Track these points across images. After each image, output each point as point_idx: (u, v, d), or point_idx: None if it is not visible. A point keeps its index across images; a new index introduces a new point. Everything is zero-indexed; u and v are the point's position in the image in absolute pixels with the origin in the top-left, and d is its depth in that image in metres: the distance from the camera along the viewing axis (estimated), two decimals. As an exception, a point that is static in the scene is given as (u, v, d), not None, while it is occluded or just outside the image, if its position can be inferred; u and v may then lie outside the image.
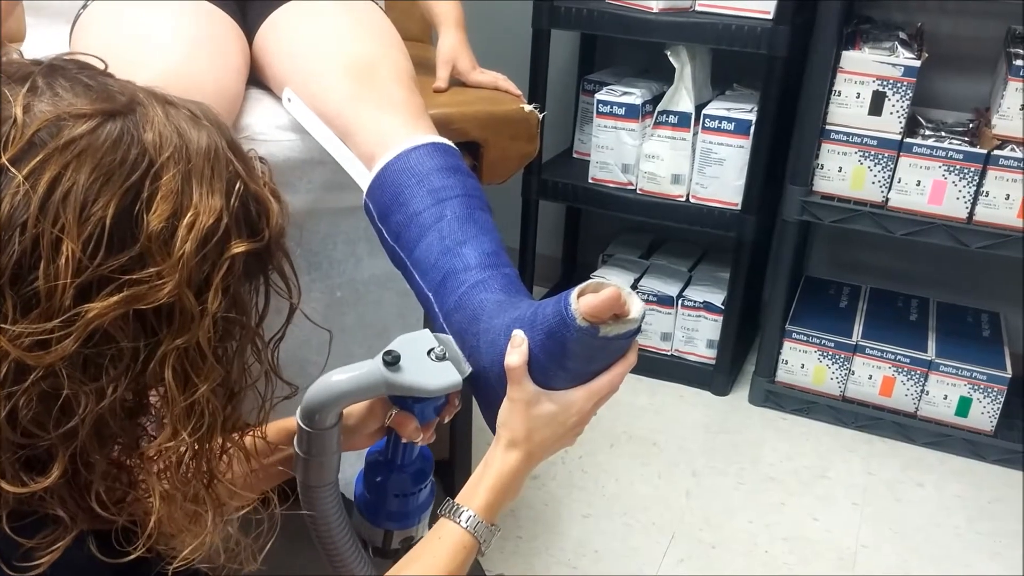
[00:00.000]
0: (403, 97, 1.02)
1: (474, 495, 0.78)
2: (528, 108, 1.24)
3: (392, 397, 0.85)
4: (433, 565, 0.74)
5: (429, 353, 0.82)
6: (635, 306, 0.75)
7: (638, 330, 0.77)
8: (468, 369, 0.83)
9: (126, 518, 0.59)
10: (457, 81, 1.30)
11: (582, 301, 0.74)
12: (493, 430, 0.85)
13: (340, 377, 0.79)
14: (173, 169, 0.56)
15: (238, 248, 0.58)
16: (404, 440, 0.87)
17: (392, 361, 0.79)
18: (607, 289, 0.73)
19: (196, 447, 0.59)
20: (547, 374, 0.78)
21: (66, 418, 0.54)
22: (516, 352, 0.78)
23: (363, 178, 0.99)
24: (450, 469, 1.38)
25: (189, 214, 0.56)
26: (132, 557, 0.58)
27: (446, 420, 0.89)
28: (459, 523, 0.77)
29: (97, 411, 0.55)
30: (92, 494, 0.57)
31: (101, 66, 0.61)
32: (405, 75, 1.06)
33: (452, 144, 0.98)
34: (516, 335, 0.79)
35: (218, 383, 0.59)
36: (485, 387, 0.84)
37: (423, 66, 1.26)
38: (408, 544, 0.91)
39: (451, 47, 1.29)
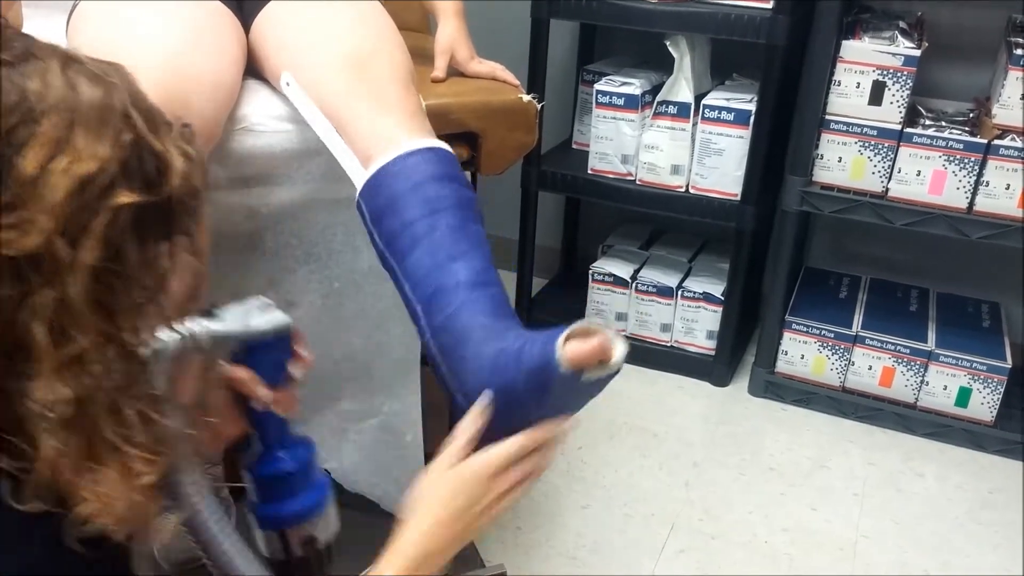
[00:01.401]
0: (398, 95, 1.02)
1: (386, 560, 0.77)
2: (526, 98, 1.24)
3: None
4: None
5: (253, 306, 0.81)
6: (618, 351, 0.77)
7: (618, 371, 0.79)
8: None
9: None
10: (455, 71, 1.29)
11: (568, 348, 0.75)
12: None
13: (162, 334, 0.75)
14: (56, 117, 0.54)
15: (124, 199, 0.56)
16: (257, 405, 0.84)
17: (210, 311, 0.77)
18: (594, 339, 0.75)
19: (84, 402, 0.57)
20: (525, 408, 0.80)
21: None
22: (471, 424, 0.80)
23: (357, 176, 0.98)
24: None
25: (66, 160, 0.54)
26: (33, 508, 0.56)
27: (298, 375, 0.86)
28: None
29: None
30: None
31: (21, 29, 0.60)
32: (401, 71, 1.05)
33: (448, 148, 0.98)
34: (479, 404, 0.81)
35: (105, 339, 0.57)
36: (466, 412, 0.86)
37: (421, 56, 1.26)
38: (311, 547, 0.87)
39: (449, 36, 1.29)
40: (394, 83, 1.02)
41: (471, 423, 0.81)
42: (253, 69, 1.15)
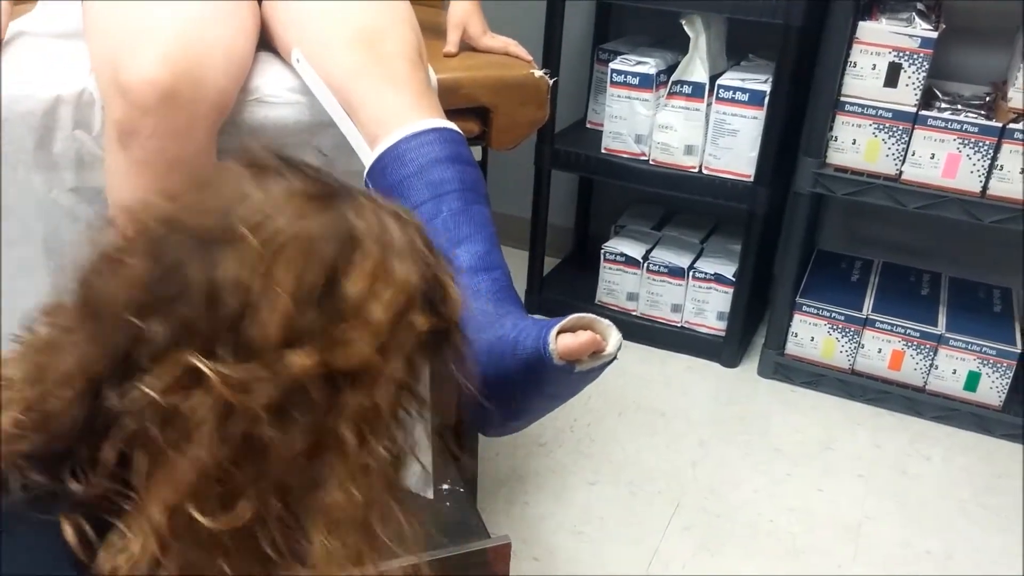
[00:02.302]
0: (407, 74, 1.02)
1: None
2: (538, 73, 1.24)
3: None
4: None
5: None
6: (612, 341, 0.78)
7: (613, 360, 0.80)
8: None
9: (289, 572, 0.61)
10: (467, 46, 1.30)
11: (560, 341, 0.77)
12: (479, 430, 0.89)
13: None
14: (374, 249, 0.61)
15: (423, 324, 0.63)
16: None
17: None
18: (585, 335, 0.77)
19: (370, 508, 0.62)
20: (524, 396, 0.83)
21: (257, 461, 0.58)
22: None
23: (365, 155, 0.99)
24: (457, 432, 1.39)
25: (387, 290, 0.60)
26: None
27: None
28: None
29: (284, 456, 0.58)
30: (266, 538, 0.59)
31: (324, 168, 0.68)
32: (411, 49, 1.06)
33: (454, 127, 0.99)
34: None
35: (394, 449, 0.63)
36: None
37: (434, 30, 1.26)
38: None
39: (463, 11, 1.29)
40: (402, 61, 1.03)
41: None
42: (266, 42, 1.16)
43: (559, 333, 0.78)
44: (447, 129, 0.98)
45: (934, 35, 1.69)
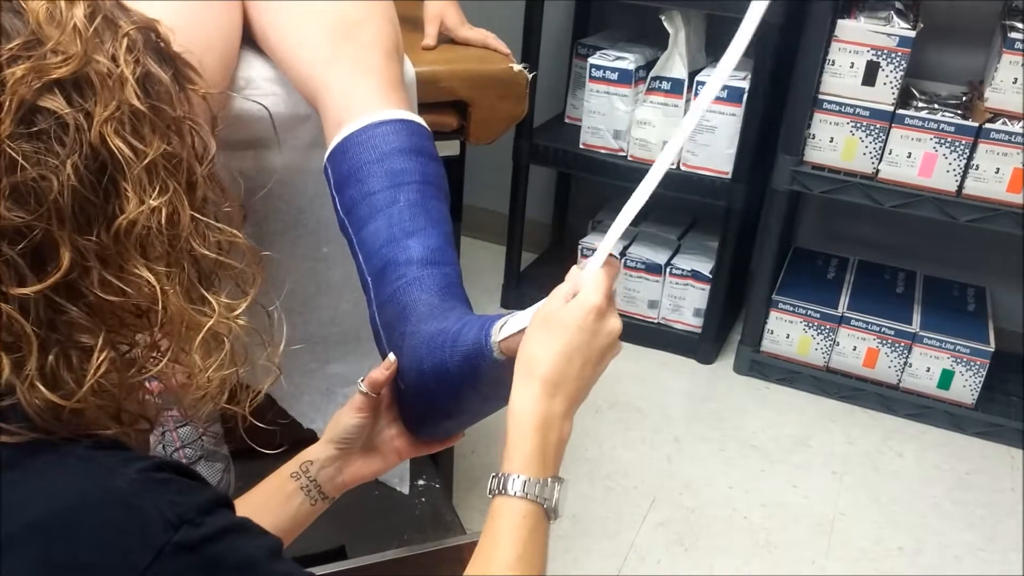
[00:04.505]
0: (379, 63, 1.01)
1: (508, 456, 0.71)
2: (517, 68, 1.23)
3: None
4: (502, 555, 0.69)
5: None
6: None
7: None
8: None
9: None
10: (447, 39, 1.28)
11: (503, 335, 0.76)
12: (411, 429, 0.88)
13: None
14: None
15: (129, 27, 0.62)
16: None
17: None
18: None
19: (167, 213, 0.61)
20: (458, 391, 0.81)
21: (42, 199, 0.56)
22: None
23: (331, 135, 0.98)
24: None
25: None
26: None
27: None
28: (506, 494, 0.70)
29: (70, 186, 0.56)
30: (95, 280, 0.58)
31: None
32: (386, 40, 1.05)
33: (422, 122, 0.98)
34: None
35: (167, 150, 0.62)
36: (400, 387, 0.86)
37: (412, 23, 1.25)
38: None
39: (439, 3, 1.28)
40: (376, 51, 1.01)
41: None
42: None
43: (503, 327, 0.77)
44: (414, 123, 0.97)
45: (912, 34, 1.70)
